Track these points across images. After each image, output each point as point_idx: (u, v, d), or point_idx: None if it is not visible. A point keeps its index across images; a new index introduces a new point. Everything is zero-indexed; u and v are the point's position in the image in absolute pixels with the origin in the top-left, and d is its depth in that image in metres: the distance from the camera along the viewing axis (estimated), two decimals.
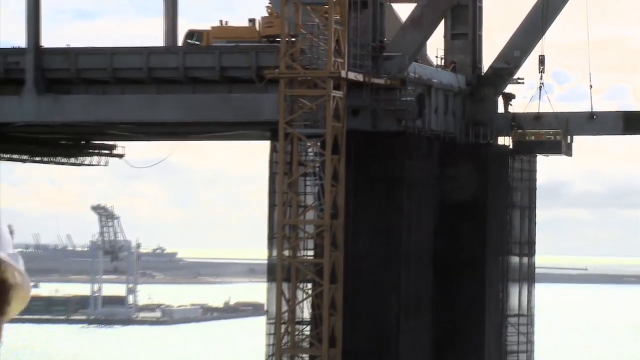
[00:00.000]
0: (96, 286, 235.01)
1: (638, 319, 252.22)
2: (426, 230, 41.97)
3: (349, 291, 40.17)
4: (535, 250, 47.78)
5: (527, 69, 46.49)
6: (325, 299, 39.96)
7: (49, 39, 43.01)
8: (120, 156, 55.80)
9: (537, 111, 46.38)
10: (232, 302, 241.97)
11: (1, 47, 45.38)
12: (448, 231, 43.11)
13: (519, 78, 46.18)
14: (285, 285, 42.01)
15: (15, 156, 52.99)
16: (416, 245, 41.93)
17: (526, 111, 46.42)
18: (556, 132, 46.75)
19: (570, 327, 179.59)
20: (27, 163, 55.01)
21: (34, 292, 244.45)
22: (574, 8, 45.87)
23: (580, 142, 44.40)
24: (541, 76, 46.60)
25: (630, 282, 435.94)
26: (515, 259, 46.62)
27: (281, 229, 41.32)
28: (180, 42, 47.63)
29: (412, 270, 42.43)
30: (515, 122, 46.99)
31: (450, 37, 46.54)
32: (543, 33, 45.70)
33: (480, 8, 46.72)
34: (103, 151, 54.95)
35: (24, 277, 2.69)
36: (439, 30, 45.84)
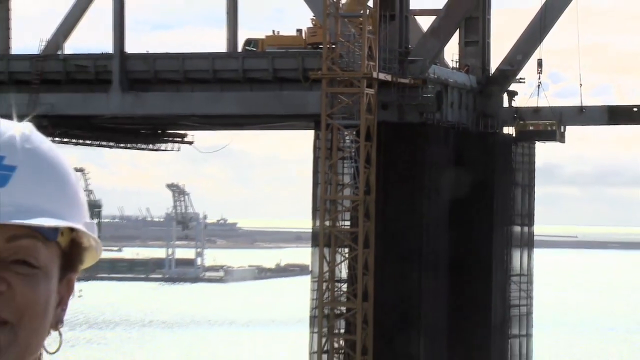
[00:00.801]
0: (170, 250, 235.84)
1: (620, 278, 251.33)
2: (443, 204, 41.85)
3: (379, 254, 40.14)
4: (534, 221, 47.58)
5: (528, 70, 46.60)
6: (359, 261, 39.92)
7: (131, 46, 43.12)
8: (190, 143, 55.90)
9: (535, 105, 46.13)
10: (282, 264, 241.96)
11: (93, 52, 45.53)
12: (461, 205, 42.95)
13: (520, 78, 46.08)
14: (326, 250, 41.97)
15: (103, 143, 53.08)
16: (435, 217, 41.85)
17: (527, 105, 46.21)
18: (552, 122, 46.46)
19: (563, 284, 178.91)
20: (113, 149, 55.24)
21: (120, 255, 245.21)
22: (566, 19, 45.83)
23: (571, 131, 44.52)
24: (539, 76, 46.53)
25: (614, 247, 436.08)
26: (517, 228, 46.41)
27: (323, 203, 41.27)
28: (239, 49, 47.41)
29: (431, 237, 42.38)
30: (517, 115, 46.71)
31: (464, 44, 46.27)
32: (541, 41, 45.47)
33: (489, 20, 46.50)
34: (176, 139, 54.99)
35: (97, 242, 2.62)
36: (455, 39, 45.81)
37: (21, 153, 2.54)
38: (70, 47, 48.18)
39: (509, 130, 48.81)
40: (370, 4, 43.07)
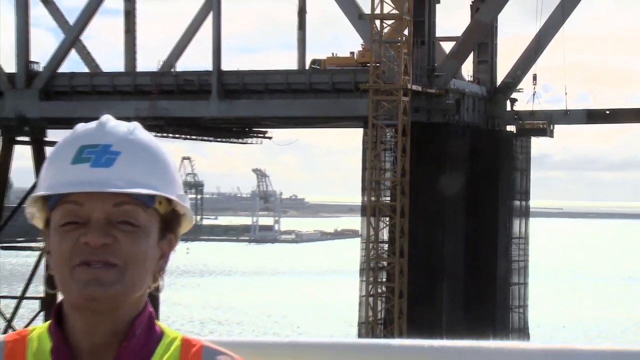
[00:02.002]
0: (254, 219, 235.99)
1: (597, 240, 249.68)
2: (460, 184, 41.76)
3: (412, 222, 40.07)
4: (529, 197, 47.31)
5: (525, 82, 46.23)
6: (397, 227, 39.89)
7: (226, 65, 43.48)
8: (269, 138, 55.92)
9: (531, 109, 45.85)
10: (339, 229, 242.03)
11: (197, 70, 45.76)
12: (473, 185, 42.74)
13: (520, 88, 45.68)
14: (372, 219, 41.90)
15: (205, 138, 53.27)
16: (454, 194, 41.76)
17: (524, 109, 45.90)
18: (543, 122, 46.17)
19: (552, 245, 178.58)
20: (212, 142, 55.58)
21: (216, 222, 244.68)
22: (555, 43, 45.68)
23: (558, 129, 44.26)
24: (534, 87, 46.15)
25: (592, 217, 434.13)
26: (517, 203, 46.13)
27: (370, 183, 41.21)
28: (307, 67, 47.42)
29: (451, 209, 42.25)
30: (517, 116, 46.41)
31: (477, 63, 46.04)
32: (536, 60, 45.29)
33: (496, 44, 46.36)
34: (259, 135, 55.00)
35: (189, 210, 2.66)
36: (470, 59, 45.55)
37: (125, 142, 2.60)
38: (181, 65, 48.29)
39: (511, 128, 48.49)
40: (406, 32, 42.85)
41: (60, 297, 2.71)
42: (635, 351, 3.35)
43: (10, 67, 47.38)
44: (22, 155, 46.58)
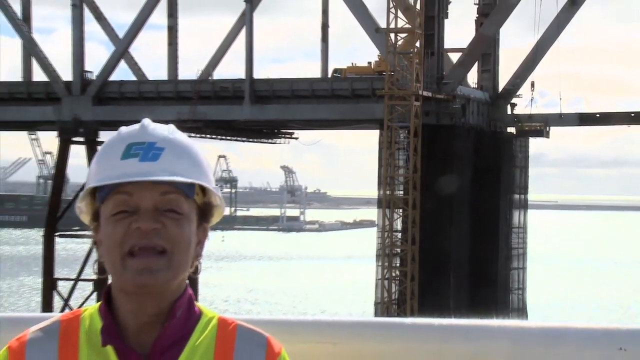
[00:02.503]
0: (282, 210, 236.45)
1: (589, 229, 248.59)
2: (466, 180, 41.54)
3: (422, 213, 39.99)
4: (528, 191, 47.12)
5: (524, 89, 45.96)
6: (409, 218, 39.83)
7: (257, 73, 43.64)
8: (296, 138, 55.99)
9: (529, 113, 45.66)
10: (357, 220, 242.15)
11: (232, 78, 45.84)
12: (478, 181, 42.55)
13: (519, 94, 45.50)
14: (387, 210, 41.85)
15: (239, 138, 53.38)
16: (460, 189, 41.59)
17: (523, 113, 45.71)
18: (540, 124, 46.00)
19: (547, 234, 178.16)
20: (245, 142, 55.58)
21: (249, 213, 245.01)
22: (551, 54, 45.55)
23: (553, 130, 43.94)
24: (532, 93, 46.00)
25: (584, 209, 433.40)
26: (516, 196, 45.98)
27: (385, 179, 41.12)
28: (329, 75, 47.44)
29: (457, 203, 42.13)
30: (517, 119, 46.22)
31: (481, 72, 45.83)
32: (533, 69, 45.12)
33: (498, 55, 46.22)
34: (286, 136, 55.03)
35: (222, 200, 2.70)
36: (475, 68, 45.37)
37: (167, 141, 2.64)
38: (217, 73, 48.38)
39: (511, 129, 48.35)
40: (418, 44, 42.81)
41: (109, 280, 2.73)
42: (623, 329, 3.33)
43: (67, 75, 47.66)
44: (77, 154, 46.82)
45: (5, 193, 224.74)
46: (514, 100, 48.09)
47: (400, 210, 43.78)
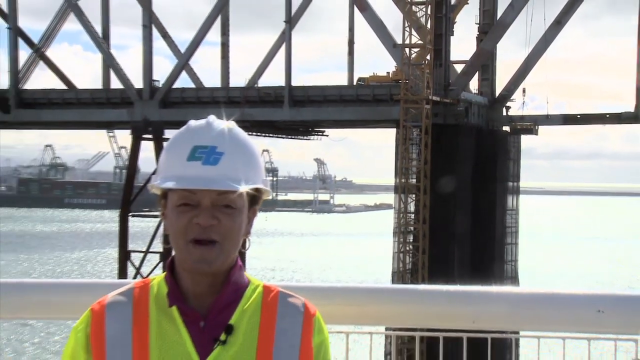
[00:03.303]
0: (315, 195, 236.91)
1: (573, 212, 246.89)
2: (467, 171, 41.27)
3: (432, 198, 39.84)
4: (519, 179, 46.68)
5: (517, 94, 45.68)
6: (421, 201, 39.75)
7: (294, 81, 43.63)
8: (327, 136, 56.06)
9: (521, 114, 45.38)
10: (378, 203, 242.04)
11: (274, 85, 45.78)
12: (478, 171, 42.23)
13: (513, 99, 45.18)
14: (402, 196, 41.79)
15: (279, 136, 53.49)
16: (463, 178, 41.33)
17: (516, 114, 45.41)
18: (530, 124, 45.80)
19: (536, 215, 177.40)
20: (284, 139, 55.73)
21: (287, 197, 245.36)
22: (540, 65, 45.22)
23: (542, 129, 43.64)
24: (524, 98, 45.72)
25: (566, 194, 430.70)
26: (510, 184, 45.63)
27: (400, 169, 41.07)
28: (354, 82, 47.34)
29: (461, 189, 41.87)
30: (510, 120, 45.96)
31: (481, 80, 45.56)
32: (525, 77, 44.85)
33: (495, 66, 45.91)
34: (319, 133, 54.99)
35: (268, 188, 2.72)
36: (476, 77, 45.08)
37: (228, 143, 2.64)
38: (262, 81, 48.33)
39: (506, 128, 48.03)
40: (428, 57, 42.65)
41: (173, 252, 2.75)
42: (601, 294, 3.30)
43: (139, 83, 47.88)
44: (146, 149, 47.08)
45: (88, 180, 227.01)
46: (508, 104, 47.80)
47: (413, 195, 43.71)
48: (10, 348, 54.16)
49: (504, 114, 47.04)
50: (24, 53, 50.89)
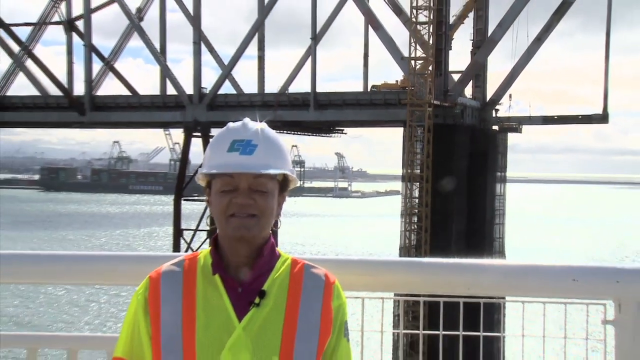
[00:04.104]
0: (336, 183, 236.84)
1: (552, 197, 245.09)
2: (463, 163, 40.93)
3: (433, 185, 39.66)
4: (506, 170, 46.26)
5: (505, 99, 45.30)
6: (424, 188, 39.58)
7: (319, 88, 43.35)
8: (345, 134, 55.87)
9: (508, 116, 44.96)
10: (388, 189, 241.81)
11: (301, 91, 45.51)
12: (472, 163, 41.89)
13: (501, 102, 44.78)
14: (408, 184, 41.61)
15: (306, 134, 53.16)
16: (459, 169, 41.03)
17: (504, 115, 44.99)
18: (515, 124, 45.37)
19: (520, 200, 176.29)
20: (310, 136, 55.51)
21: (312, 185, 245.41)
22: (523, 76, 44.72)
23: (525, 128, 43.11)
24: (510, 102, 45.27)
25: (545, 183, 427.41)
26: (498, 174, 45.20)
27: (407, 161, 40.89)
28: (369, 89, 47.08)
29: (457, 177, 41.55)
30: (499, 120, 45.59)
31: (475, 87, 45.20)
32: (511, 85, 44.49)
33: (487, 75, 45.47)
34: (339, 132, 54.80)
35: (295, 177, 2.73)
36: (470, 84, 44.77)
37: (260, 138, 2.65)
38: (291, 88, 48.29)
39: (495, 127, 47.75)
40: (430, 68, 42.48)
41: (217, 231, 2.76)
42: (575, 266, 3.26)
43: (189, 90, 48.08)
44: (195, 144, 47.22)
45: (148, 171, 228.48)
46: (497, 107, 47.50)
47: (417, 184, 43.58)
48: (79, 308, 54.79)
49: (494, 115, 46.77)
50: (97, 65, 51.23)
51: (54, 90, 50.37)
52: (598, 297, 3.22)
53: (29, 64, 51.81)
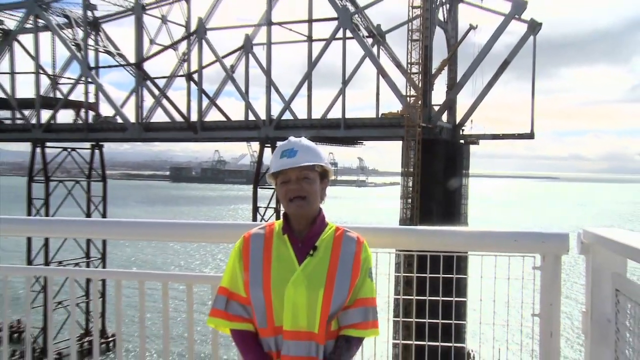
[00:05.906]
0: (357, 177, 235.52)
1: (516, 190, 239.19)
2: (440, 165, 40.14)
3: (422, 180, 39.05)
4: (469, 169, 42.99)
5: (468, 122, 44.11)
6: (415, 181, 39.23)
7: (348, 115, 42.43)
8: (364, 145, 54.69)
9: (470, 133, 43.34)
10: (392, 182, 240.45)
11: (335, 117, 44.33)
12: (447, 165, 40.99)
13: (465, 125, 43.38)
14: (405, 178, 41.27)
15: (338, 145, 52.03)
16: (438, 169, 40.27)
17: (468, 133, 43.62)
18: (475, 139, 42.55)
19: (479, 190, 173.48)
20: (340, 147, 54.46)
21: (343, 178, 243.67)
22: (481, 106, 43.18)
23: (482, 142, 40.21)
24: (471, 124, 43.83)
25: (496, 177, 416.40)
26: (464, 171, 43.28)
27: (404, 163, 40.59)
28: (379, 115, 46.04)
29: (438, 175, 40.74)
30: (464, 136, 44.34)
31: (448, 114, 44.24)
32: (472, 113, 43.31)
33: (456, 107, 43.88)
34: (359, 144, 54.07)
35: (331, 170, 2.73)
36: (446, 113, 43.69)
37: (299, 146, 2.65)
38: (329, 115, 47.72)
39: (462, 141, 46.68)
40: (420, 102, 41.77)
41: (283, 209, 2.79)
42: (517, 231, 3.23)
43: (263, 116, 47.91)
44: (266, 152, 47.30)
45: (236, 169, 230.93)
46: (463, 128, 46.48)
47: (411, 178, 42.99)
48: (195, 259, 55.55)
49: (461, 133, 45.81)
50: (205, 102, 51.30)
51: (178, 118, 51.22)
52: (530, 252, 3.20)
53: (164, 102, 52.59)
